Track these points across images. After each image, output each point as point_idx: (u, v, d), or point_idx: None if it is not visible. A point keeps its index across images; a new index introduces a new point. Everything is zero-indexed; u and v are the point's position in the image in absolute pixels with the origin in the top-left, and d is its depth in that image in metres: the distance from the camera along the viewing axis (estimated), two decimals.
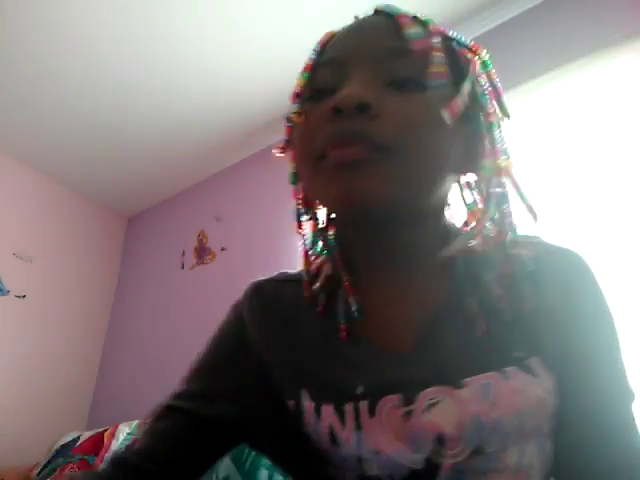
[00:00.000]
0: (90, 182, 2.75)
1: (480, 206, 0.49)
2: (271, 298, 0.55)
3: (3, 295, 2.33)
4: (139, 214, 3.02)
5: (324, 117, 0.44)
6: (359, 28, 0.48)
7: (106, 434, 1.89)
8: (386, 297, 0.50)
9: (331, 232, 0.53)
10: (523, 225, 0.48)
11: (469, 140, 0.48)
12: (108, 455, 1.79)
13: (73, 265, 2.67)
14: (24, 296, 2.41)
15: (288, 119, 0.49)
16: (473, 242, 0.48)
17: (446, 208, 0.52)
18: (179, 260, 2.56)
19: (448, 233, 0.50)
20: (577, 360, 0.47)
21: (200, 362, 0.55)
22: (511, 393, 0.43)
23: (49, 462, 1.92)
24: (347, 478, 0.46)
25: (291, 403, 0.49)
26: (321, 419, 0.46)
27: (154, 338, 2.45)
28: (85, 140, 2.47)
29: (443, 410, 0.43)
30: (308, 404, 0.48)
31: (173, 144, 2.49)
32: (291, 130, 0.49)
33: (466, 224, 0.52)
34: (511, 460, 0.43)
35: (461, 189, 0.53)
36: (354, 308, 0.49)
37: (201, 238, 2.51)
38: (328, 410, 0.46)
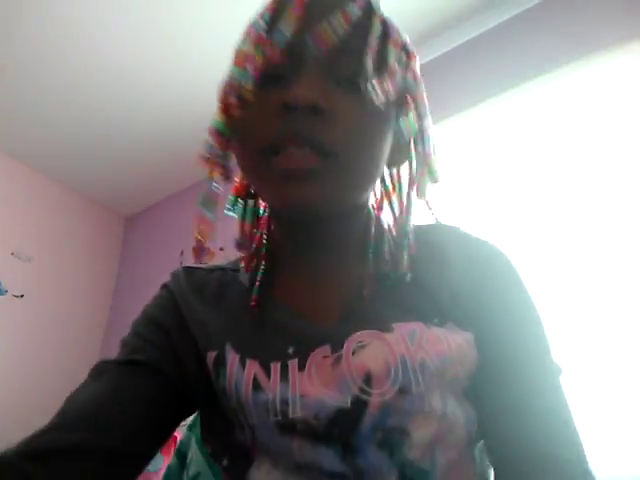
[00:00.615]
0: (88, 181, 2.74)
1: (393, 191, 0.54)
2: (199, 280, 0.56)
3: (1, 295, 2.33)
4: (137, 213, 3.01)
5: (273, 110, 0.43)
6: (313, 5, 0.45)
7: None
8: (313, 277, 0.52)
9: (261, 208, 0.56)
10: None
11: (399, 134, 0.50)
12: None
13: (71, 265, 2.67)
14: (22, 296, 2.40)
15: (228, 103, 0.47)
16: (386, 226, 0.53)
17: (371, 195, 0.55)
18: (177, 259, 2.56)
19: (369, 218, 0.54)
20: (498, 341, 0.48)
21: (130, 335, 0.54)
22: (435, 339, 0.46)
23: None
24: (263, 430, 0.45)
25: (212, 355, 0.49)
26: (245, 370, 0.47)
27: None
28: (83, 139, 2.46)
29: (372, 351, 0.45)
30: (232, 356, 0.48)
31: (172, 143, 2.48)
32: (231, 113, 0.47)
33: (380, 205, 0.56)
34: (436, 404, 0.44)
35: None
36: (255, 282, 0.52)
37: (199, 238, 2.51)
38: (253, 364, 0.47)
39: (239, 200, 0.55)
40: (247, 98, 0.45)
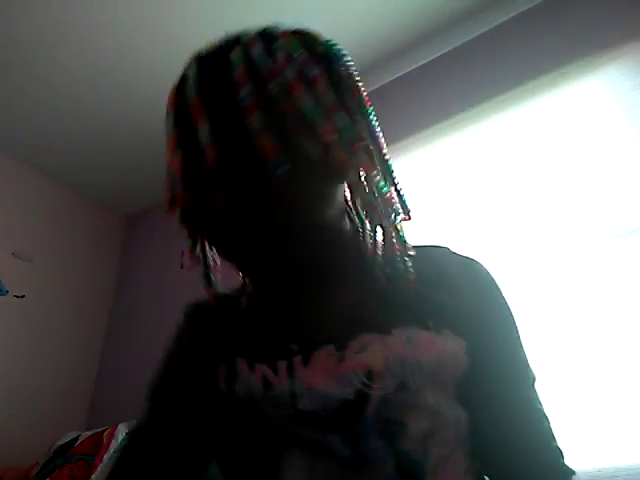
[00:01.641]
0: (89, 181, 2.74)
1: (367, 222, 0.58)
2: (207, 311, 0.63)
3: (2, 295, 2.33)
4: (139, 214, 3.01)
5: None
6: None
7: (105, 434, 1.89)
8: (315, 298, 0.57)
9: None
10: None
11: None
12: (107, 455, 1.78)
13: (72, 265, 2.67)
14: (23, 296, 2.40)
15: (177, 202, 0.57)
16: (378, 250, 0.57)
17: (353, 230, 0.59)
18: (178, 260, 2.55)
19: (361, 248, 0.58)
20: (490, 352, 0.55)
21: (154, 383, 0.61)
22: (430, 342, 0.50)
23: (48, 462, 1.92)
24: (278, 426, 0.49)
25: (223, 369, 0.53)
26: (254, 372, 0.51)
27: (153, 338, 2.44)
28: (84, 139, 2.46)
29: (373, 352, 0.49)
30: (241, 365, 0.52)
31: None
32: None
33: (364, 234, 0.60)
34: (431, 401, 0.49)
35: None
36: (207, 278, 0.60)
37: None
38: (261, 366, 0.51)
39: None
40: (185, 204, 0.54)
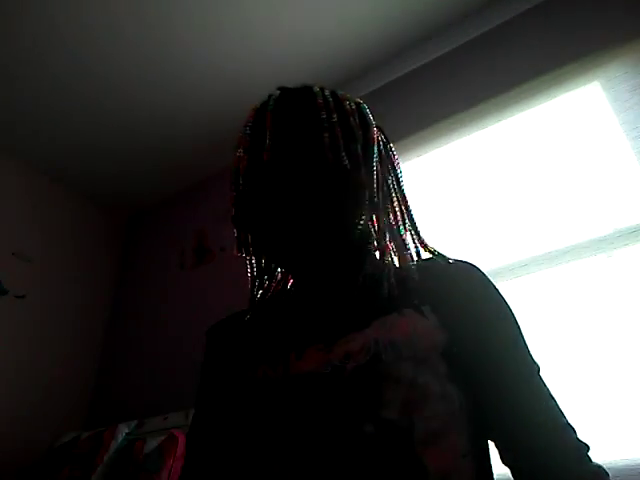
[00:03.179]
0: (89, 181, 2.75)
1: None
2: (220, 331, 0.74)
3: (2, 295, 2.33)
4: (139, 214, 3.01)
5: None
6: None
7: (105, 434, 1.89)
8: (312, 300, 0.67)
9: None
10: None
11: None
12: (107, 455, 1.79)
13: (72, 265, 2.67)
14: (23, 296, 2.40)
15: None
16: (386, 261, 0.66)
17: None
18: (178, 260, 2.56)
19: (362, 256, 0.68)
20: (476, 342, 0.59)
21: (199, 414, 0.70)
22: (403, 323, 0.58)
23: (48, 462, 1.92)
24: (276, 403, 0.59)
25: (247, 375, 0.64)
26: (257, 372, 0.62)
27: (153, 337, 2.44)
28: (85, 139, 2.46)
29: (353, 341, 0.58)
30: (254, 369, 0.63)
31: (174, 143, 2.48)
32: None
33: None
34: (406, 373, 0.54)
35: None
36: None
37: (200, 238, 2.51)
38: (263, 366, 0.61)
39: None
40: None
